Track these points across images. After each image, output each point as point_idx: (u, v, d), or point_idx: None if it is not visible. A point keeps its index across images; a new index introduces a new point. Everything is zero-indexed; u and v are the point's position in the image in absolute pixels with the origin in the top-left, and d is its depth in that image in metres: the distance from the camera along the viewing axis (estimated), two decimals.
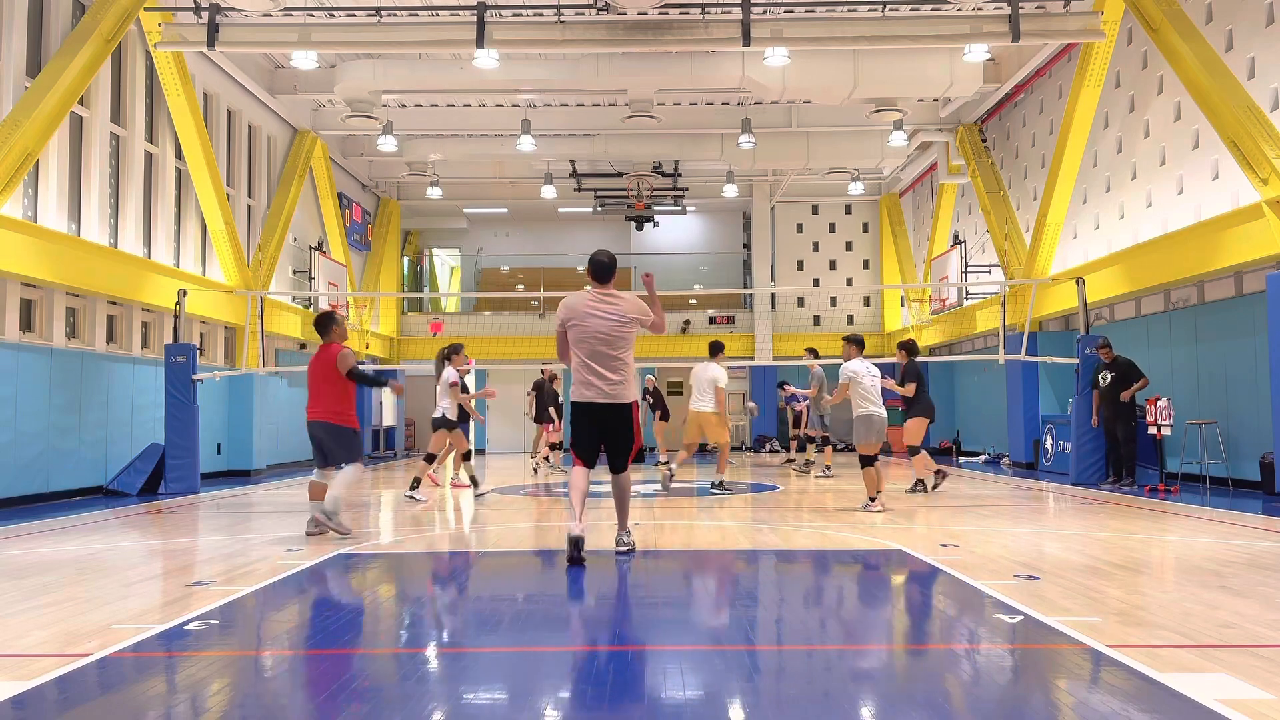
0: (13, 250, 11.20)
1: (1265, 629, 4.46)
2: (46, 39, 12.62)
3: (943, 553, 6.91)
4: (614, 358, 6.66)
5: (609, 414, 6.70)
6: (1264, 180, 10.65)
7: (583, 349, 6.67)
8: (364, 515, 10.12)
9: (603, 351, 6.64)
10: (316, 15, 15.00)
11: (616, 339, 6.65)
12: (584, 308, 6.69)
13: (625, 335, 6.68)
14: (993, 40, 13.93)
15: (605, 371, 6.64)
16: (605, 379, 6.64)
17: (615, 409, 6.70)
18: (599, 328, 6.64)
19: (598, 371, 6.63)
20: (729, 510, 10.29)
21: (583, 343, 6.66)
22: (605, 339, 6.63)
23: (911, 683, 3.81)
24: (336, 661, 4.19)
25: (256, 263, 17.53)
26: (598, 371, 6.63)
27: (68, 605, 5.26)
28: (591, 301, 6.72)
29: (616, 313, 6.68)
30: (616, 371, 6.67)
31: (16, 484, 11.59)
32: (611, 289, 6.83)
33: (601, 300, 6.73)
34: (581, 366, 6.68)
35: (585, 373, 6.66)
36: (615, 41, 13.93)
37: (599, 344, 6.64)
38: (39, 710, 3.48)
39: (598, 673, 4.01)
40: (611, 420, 6.72)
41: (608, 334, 6.63)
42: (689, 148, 21.01)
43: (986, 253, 20.04)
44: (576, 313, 6.69)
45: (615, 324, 6.65)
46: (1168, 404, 11.86)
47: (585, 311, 6.68)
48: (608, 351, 6.64)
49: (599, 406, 6.67)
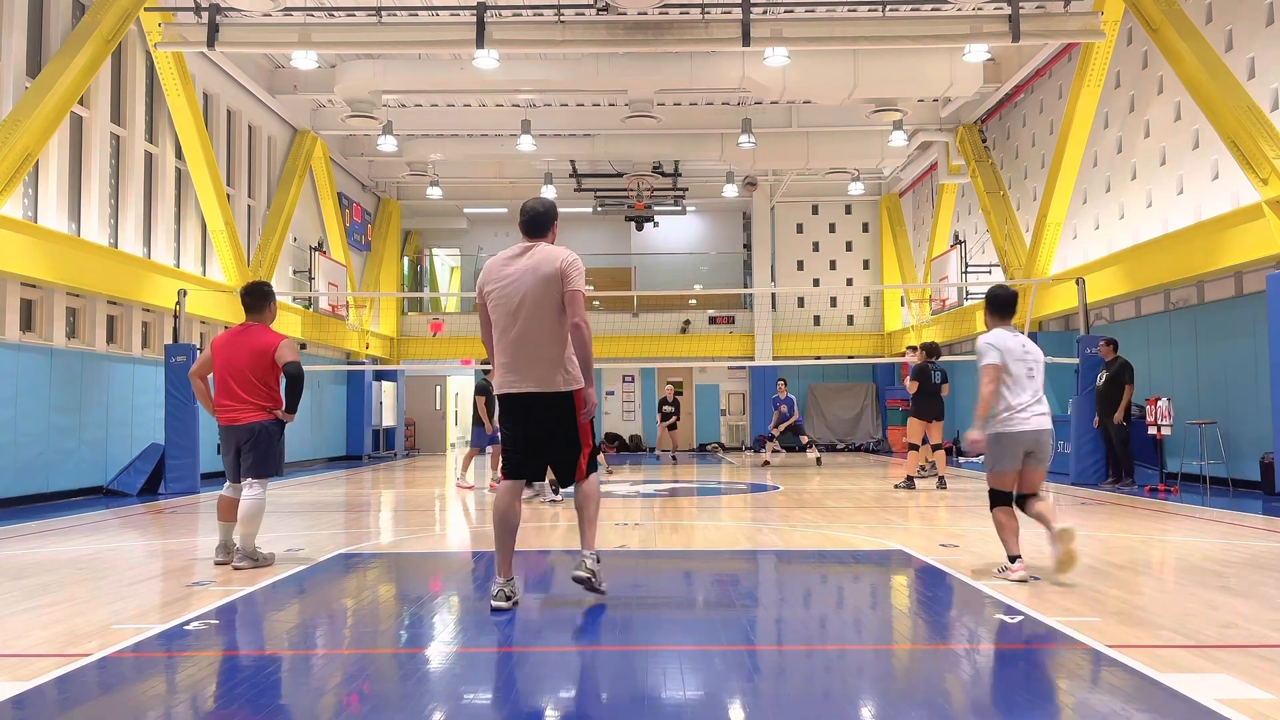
0: (13, 250, 11.20)
1: (1265, 629, 4.46)
2: (46, 39, 12.62)
3: (943, 553, 6.92)
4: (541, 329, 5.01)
5: (540, 405, 5.08)
6: (1264, 180, 10.65)
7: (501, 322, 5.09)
8: (364, 515, 10.12)
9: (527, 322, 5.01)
10: (316, 15, 15.00)
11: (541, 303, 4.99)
12: (497, 267, 5.14)
13: (551, 297, 4.99)
14: (993, 40, 13.93)
15: (532, 349, 5.02)
16: (532, 360, 5.03)
17: (550, 399, 5.08)
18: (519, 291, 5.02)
19: (523, 350, 5.05)
20: (729, 510, 10.30)
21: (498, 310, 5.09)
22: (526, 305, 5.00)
23: (911, 683, 3.81)
24: (336, 661, 4.19)
25: (256, 263, 17.53)
26: (523, 350, 5.05)
27: (68, 605, 5.26)
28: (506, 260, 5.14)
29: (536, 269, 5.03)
30: (548, 348, 5.02)
31: (16, 484, 11.58)
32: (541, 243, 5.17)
33: (520, 257, 5.11)
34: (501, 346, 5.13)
35: (505, 354, 5.11)
36: (615, 41, 13.93)
37: (516, 312, 5.03)
38: (39, 710, 3.48)
39: (598, 673, 4.01)
40: (546, 415, 5.11)
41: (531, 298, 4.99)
42: (689, 148, 21.01)
43: (986, 253, 20.04)
44: (490, 274, 5.14)
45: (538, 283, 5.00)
46: (1168, 404, 11.86)
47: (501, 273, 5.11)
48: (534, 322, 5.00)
49: (527, 397, 5.10)
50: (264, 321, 6.55)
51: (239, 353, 6.36)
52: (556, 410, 5.07)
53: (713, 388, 26.77)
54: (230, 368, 6.35)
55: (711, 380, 26.75)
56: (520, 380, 5.04)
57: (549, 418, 5.08)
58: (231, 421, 6.37)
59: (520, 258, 5.08)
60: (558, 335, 5.00)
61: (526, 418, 5.10)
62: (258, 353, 6.35)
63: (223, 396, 6.40)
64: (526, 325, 4.98)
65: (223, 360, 6.39)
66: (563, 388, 5.03)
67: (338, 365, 21.78)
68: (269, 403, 6.42)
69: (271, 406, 6.43)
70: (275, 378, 6.45)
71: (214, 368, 6.46)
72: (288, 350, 6.39)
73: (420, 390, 27.65)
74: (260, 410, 6.36)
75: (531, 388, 5.03)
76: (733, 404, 26.98)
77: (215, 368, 6.44)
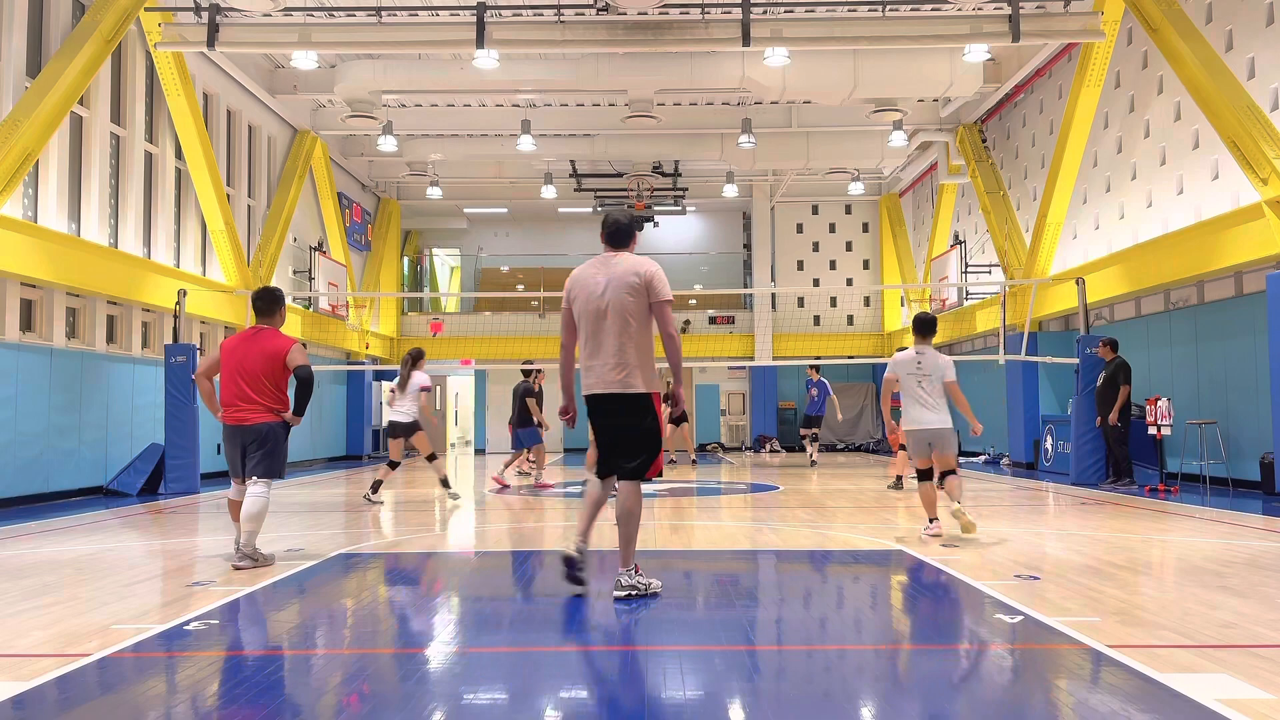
0: (13, 250, 11.20)
1: (1265, 629, 4.46)
2: (46, 39, 12.62)
3: (943, 553, 6.92)
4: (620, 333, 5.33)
5: (619, 406, 5.38)
6: (1264, 180, 10.65)
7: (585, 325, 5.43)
8: (364, 515, 10.12)
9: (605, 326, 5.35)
10: (316, 15, 15.00)
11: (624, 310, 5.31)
12: (586, 275, 5.49)
13: (634, 305, 5.31)
14: (993, 40, 13.93)
15: (615, 353, 5.34)
16: (614, 363, 5.34)
17: (628, 400, 5.36)
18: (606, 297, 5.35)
19: (607, 354, 5.37)
20: (729, 510, 10.29)
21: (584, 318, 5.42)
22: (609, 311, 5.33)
23: (911, 683, 3.81)
24: (336, 661, 4.19)
25: (256, 263, 17.53)
26: (607, 354, 5.37)
27: (68, 605, 5.26)
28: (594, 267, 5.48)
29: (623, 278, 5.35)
30: (629, 353, 5.33)
31: (16, 484, 11.58)
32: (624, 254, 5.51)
33: (606, 266, 5.43)
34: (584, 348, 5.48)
35: (591, 358, 5.43)
36: (615, 41, 13.93)
37: (601, 318, 5.36)
38: (39, 710, 3.48)
39: (597, 673, 4.01)
40: (623, 415, 5.38)
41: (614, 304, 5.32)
42: (689, 148, 21.01)
43: (986, 253, 20.04)
44: (578, 281, 5.49)
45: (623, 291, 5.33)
46: (1168, 404, 11.86)
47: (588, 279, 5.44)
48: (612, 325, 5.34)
49: (609, 398, 5.39)
50: (274, 325, 6.70)
51: (251, 355, 6.48)
52: (632, 411, 5.34)
53: (713, 388, 26.77)
54: (242, 369, 6.47)
55: (711, 380, 26.76)
56: (602, 382, 5.36)
57: (626, 417, 5.36)
58: (239, 421, 6.47)
59: (606, 267, 5.40)
60: (639, 341, 5.31)
61: (608, 417, 5.40)
62: (271, 355, 6.48)
63: (231, 396, 6.49)
64: (611, 331, 5.31)
65: (235, 362, 6.50)
66: (641, 389, 5.33)
67: (338, 365, 21.77)
68: (277, 404, 6.53)
69: (279, 409, 6.54)
70: (286, 380, 6.58)
71: (224, 369, 6.55)
72: (299, 354, 6.53)
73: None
74: (268, 412, 6.48)
75: (614, 389, 5.33)
76: (733, 404, 26.98)
77: (227, 369, 6.53)
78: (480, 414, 26.73)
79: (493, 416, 26.48)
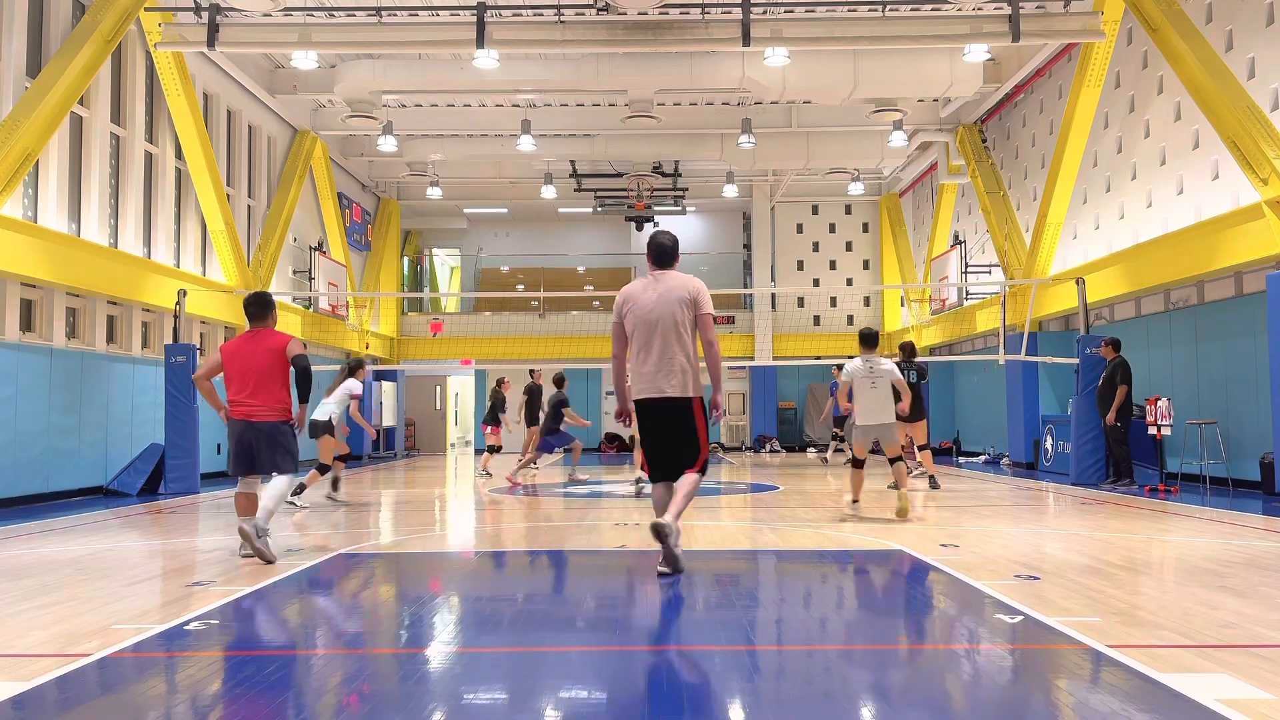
0: (13, 250, 11.20)
1: (1265, 629, 4.45)
2: (46, 39, 12.62)
3: (943, 553, 6.91)
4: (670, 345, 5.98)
5: (670, 408, 6.00)
6: (1264, 180, 10.65)
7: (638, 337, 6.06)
8: (364, 515, 10.12)
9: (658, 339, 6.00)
10: (316, 15, 15.00)
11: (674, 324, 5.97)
12: (637, 291, 6.15)
13: (683, 318, 5.99)
14: (993, 40, 13.93)
15: (667, 362, 5.98)
16: (666, 370, 5.97)
17: (677, 404, 5.99)
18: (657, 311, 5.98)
19: (658, 363, 5.99)
20: (729, 510, 10.29)
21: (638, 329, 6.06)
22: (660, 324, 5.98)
23: (911, 683, 3.81)
24: (336, 661, 4.19)
25: (256, 263, 17.53)
26: (658, 363, 5.99)
27: (68, 605, 5.26)
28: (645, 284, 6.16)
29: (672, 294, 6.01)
30: (678, 361, 5.97)
31: (16, 484, 11.58)
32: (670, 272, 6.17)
33: (656, 284, 6.10)
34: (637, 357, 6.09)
35: (645, 365, 6.06)
36: (615, 41, 13.93)
37: (654, 331, 6.00)
38: (39, 710, 3.48)
39: (597, 673, 4.01)
40: (673, 417, 6.02)
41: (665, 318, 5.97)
42: (689, 148, 21.01)
43: (986, 253, 20.04)
44: (630, 297, 6.14)
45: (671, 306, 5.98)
46: (1168, 404, 11.86)
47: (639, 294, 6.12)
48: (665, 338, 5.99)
49: (660, 401, 6.00)
50: (268, 325, 6.92)
51: (258, 352, 6.74)
52: (681, 413, 5.99)
53: None
54: (250, 366, 6.71)
55: None
56: (653, 388, 5.99)
57: (675, 419, 5.99)
58: (247, 416, 6.68)
59: (657, 284, 6.06)
60: (686, 350, 5.97)
61: (659, 420, 6.03)
62: (275, 350, 6.76)
63: (239, 393, 6.69)
64: (663, 342, 5.95)
65: (241, 360, 6.73)
66: (690, 394, 5.99)
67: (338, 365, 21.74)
68: (285, 403, 6.77)
69: (286, 407, 6.78)
70: (288, 375, 6.81)
71: (231, 368, 6.75)
72: (297, 346, 6.83)
73: (420, 390, 27.65)
74: (276, 411, 6.72)
75: (668, 394, 5.96)
76: (733, 404, 26.97)
77: (234, 368, 6.74)
78: (480, 414, 26.70)
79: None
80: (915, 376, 12.59)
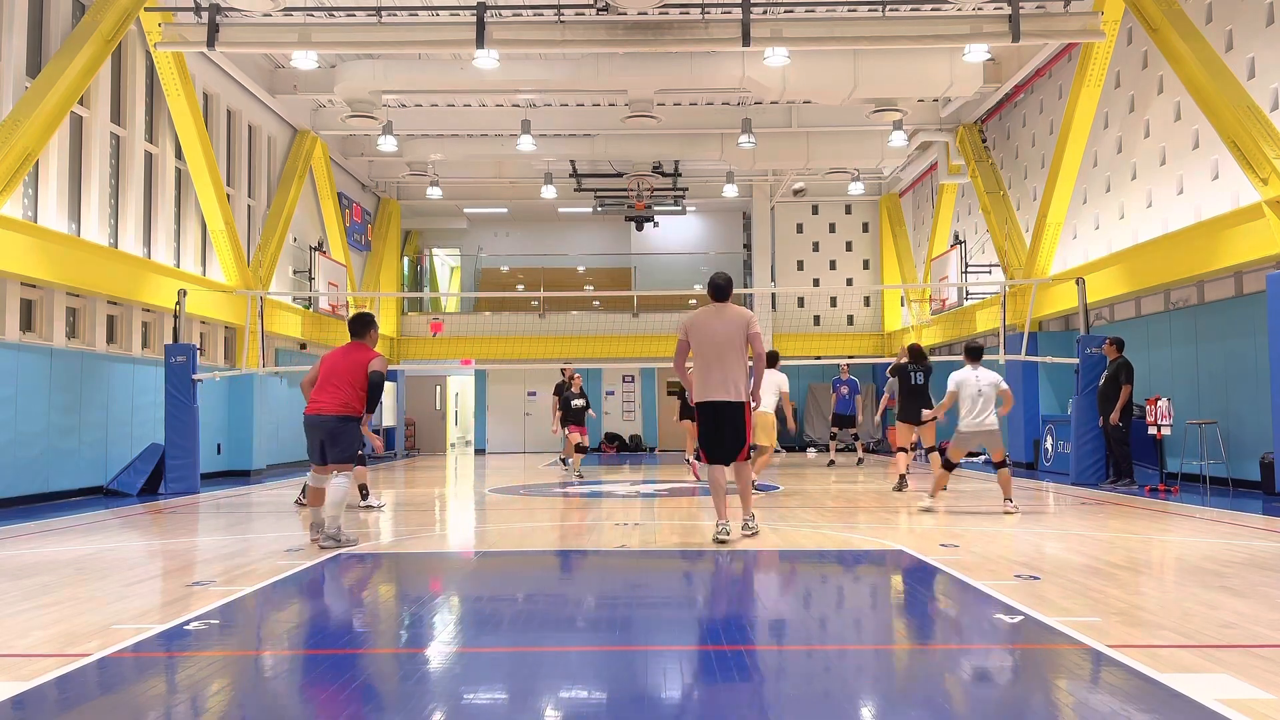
0: (13, 250, 11.20)
1: (1265, 629, 4.46)
2: (46, 39, 12.62)
3: (943, 553, 6.91)
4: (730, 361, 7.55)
5: (727, 410, 7.53)
6: (1264, 180, 10.64)
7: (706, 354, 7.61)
8: (364, 515, 10.12)
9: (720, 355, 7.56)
10: (316, 15, 14.99)
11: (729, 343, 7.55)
12: (703, 318, 7.71)
13: (739, 340, 7.57)
14: (993, 40, 13.92)
15: (726, 373, 7.53)
16: (725, 380, 7.51)
17: (732, 406, 7.53)
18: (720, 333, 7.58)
19: (720, 374, 7.53)
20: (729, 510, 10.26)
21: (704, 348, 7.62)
22: (723, 344, 7.56)
23: (911, 683, 3.81)
24: (336, 662, 4.19)
25: (256, 263, 17.53)
26: (720, 374, 7.53)
27: (68, 605, 5.26)
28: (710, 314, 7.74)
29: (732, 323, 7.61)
30: (734, 372, 7.55)
31: (16, 484, 11.58)
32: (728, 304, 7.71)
33: (719, 314, 7.71)
34: (704, 369, 7.59)
35: (707, 374, 7.58)
36: (615, 41, 13.92)
37: (717, 349, 7.57)
38: (39, 710, 3.48)
39: (597, 673, 4.01)
40: (729, 416, 7.54)
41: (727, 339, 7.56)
42: (689, 148, 21.00)
43: (986, 253, 20.04)
44: (696, 323, 7.68)
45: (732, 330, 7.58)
46: (1168, 404, 11.86)
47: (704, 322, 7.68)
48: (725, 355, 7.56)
49: (719, 404, 7.50)
50: (366, 343, 7.86)
51: (344, 362, 7.69)
52: (734, 413, 7.53)
53: None
54: (334, 372, 7.65)
55: None
56: (714, 392, 7.51)
57: (730, 418, 7.52)
58: (316, 410, 7.54)
59: (720, 315, 7.62)
60: (741, 364, 7.55)
61: (718, 418, 7.53)
62: (358, 364, 7.67)
63: (317, 392, 7.61)
64: (725, 359, 7.52)
65: (329, 366, 7.70)
66: (742, 398, 7.55)
67: None
68: (353, 402, 7.54)
69: (354, 407, 7.56)
70: (362, 385, 7.64)
71: (321, 373, 7.71)
72: (379, 363, 7.73)
73: (420, 390, 27.66)
74: (341, 406, 7.50)
75: (725, 398, 7.50)
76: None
77: (323, 373, 7.70)
78: (480, 414, 26.73)
79: (493, 417, 26.50)
80: (923, 379, 12.62)
